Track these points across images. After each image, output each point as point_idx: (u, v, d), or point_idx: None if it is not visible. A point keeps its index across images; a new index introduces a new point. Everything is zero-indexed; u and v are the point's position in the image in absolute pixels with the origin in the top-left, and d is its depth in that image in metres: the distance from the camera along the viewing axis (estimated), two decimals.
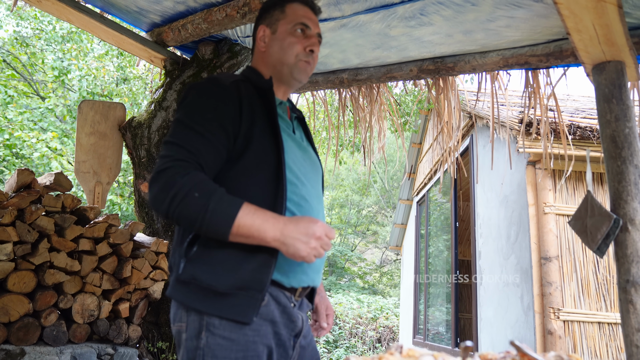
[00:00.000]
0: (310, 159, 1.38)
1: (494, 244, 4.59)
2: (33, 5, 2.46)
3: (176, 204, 1.06)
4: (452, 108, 3.21)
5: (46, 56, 9.57)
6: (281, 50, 1.36)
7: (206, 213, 1.05)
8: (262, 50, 1.40)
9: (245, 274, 1.14)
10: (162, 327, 2.71)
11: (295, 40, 1.36)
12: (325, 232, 1.10)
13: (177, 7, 2.51)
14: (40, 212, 2.22)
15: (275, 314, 1.20)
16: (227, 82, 1.25)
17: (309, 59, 1.37)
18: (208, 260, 1.15)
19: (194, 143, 1.14)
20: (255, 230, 1.07)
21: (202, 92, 1.23)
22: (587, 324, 3.49)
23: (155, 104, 2.83)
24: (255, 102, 1.27)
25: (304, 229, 1.08)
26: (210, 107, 1.20)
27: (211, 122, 1.17)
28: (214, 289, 1.13)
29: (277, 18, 1.39)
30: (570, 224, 2.01)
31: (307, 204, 1.27)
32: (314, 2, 1.44)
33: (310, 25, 1.38)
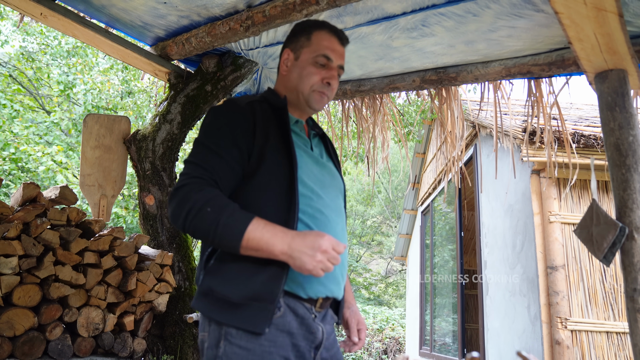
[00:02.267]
0: (330, 174, 1.40)
1: (499, 253, 4.56)
2: (39, 21, 2.49)
3: (191, 219, 1.12)
4: (456, 118, 3.21)
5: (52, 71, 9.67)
6: (299, 78, 1.39)
7: (217, 227, 1.11)
8: (283, 73, 1.45)
9: (256, 285, 1.17)
10: (167, 340, 2.70)
11: (314, 71, 1.38)
12: (333, 245, 1.11)
13: (181, 21, 2.54)
14: (45, 226, 2.22)
15: (293, 325, 1.21)
16: (242, 104, 1.31)
17: (325, 90, 1.39)
18: (223, 272, 1.21)
19: (209, 161, 1.21)
20: (264, 243, 1.10)
21: (219, 113, 1.30)
22: (595, 334, 3.45)
23: (160, 117, 2.85)
24: (269, 120, 1.32)
25: (310, 243, 1.10)
26: (225, 127, 1.26)
27: (226, 141, 1.24)
28: (228, 299, 1.18)
29: (302, 45, 1.42)
30: (576, 233, 2.00)
31: (323, 216, 1.29)
32: (342, 33, 1.45)
33: (333, 57, 1.40)
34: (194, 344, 2.73)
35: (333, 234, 1.30)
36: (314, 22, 1.46)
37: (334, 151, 1.54)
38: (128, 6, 2.40)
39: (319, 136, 1.50)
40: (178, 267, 2.82)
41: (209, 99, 2.89)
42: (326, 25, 1.44)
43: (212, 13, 2.41)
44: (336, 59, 1.41)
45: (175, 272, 2.79)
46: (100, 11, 2.49)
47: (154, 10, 2.42)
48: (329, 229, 1.29)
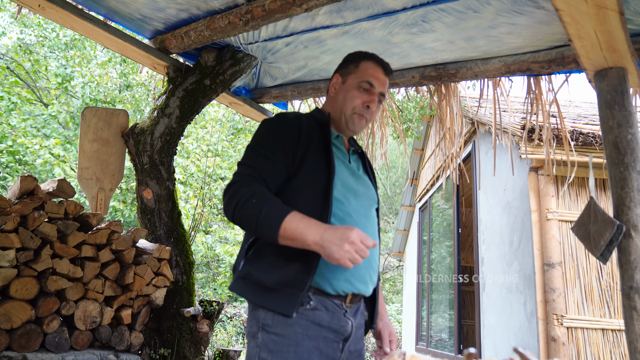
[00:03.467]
0: (364, 185, 1.54)
1: (496, 250, 4.58)
2: (37, 13, 2.48)
3: (239, 209, 1.27)
4: (454, 114, 3.21)
5: (49, 63, 9.62)
6: (343, 100, 1.55)
7: (259, 217, 1.23)
8: (331, 95, 1.61)
9: (289, 272, 1.30)
10: (164, 334, 2.70)
11: (357, 95, 1.53)
12: (361, 238, 1.18)
13: (180, 14, 2.52)
14: (43, 219, 2.22)
15: (324, 317, 1.33)
16: (291, 116, 1.48)
17: (364, 113, 1.54)
18: (260, 260, 1.36)
19: (258, 163, 1.36)
20: (298, 233, 1.20)
21: (271, 124, 1.46)
22: (591, 331, 3.47)
23: (158, 110, 2.85)
24: (314, 131, 1.47)
25: (340, 234, 1.18)
26: (275, 135, 1.42)
27: (275, 146, 1.40)
28: (262, 283, 1.31)
29: (350, 71, 1.57)
30: (573, 230, 2.01)
31: (352, 220, 1.40)
32: (388, 65, 1.59)
33: (376, 84, 1.54)
34: (191, 337, 2.73)
35: None
36: (364, 53, 1.60)
37: (371, 168, 1.68)
38: None
39: (357, 154, 1.64)
40: (176, 261, 2.82)
41: (207, 93, 2.88)
42: (374, 57, 1.59)
43: (211, 6, 2.40)
44: (378, 86, 1.55)
45: (172, 266, 2.79)
46: (99, 3, 2.48)
47: (153, 3, 2.41)
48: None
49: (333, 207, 1.39)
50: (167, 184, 2.83)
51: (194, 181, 8.79)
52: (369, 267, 1.43)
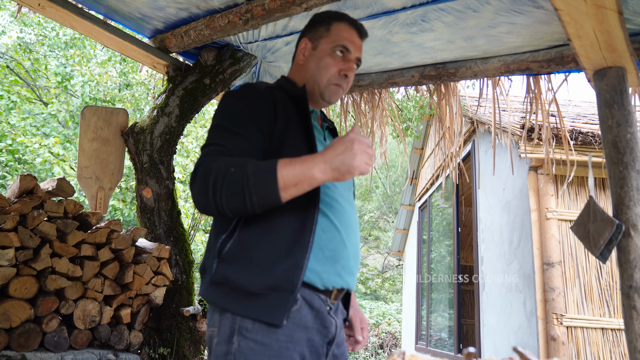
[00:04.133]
0: None
1: (496, 249, 4.58)
2: (37, 12, 2.48)
3: (219, 189, 1.05)
4: (454, 113, 3.21)
5: (49, 62, 9.62)
6: (316, 69, 1.37)
7: (249, 180, 1.03)
8: (300, 62, 1.42)
9: (277, 274, 1.12)
10: (163, 333, 2.70)
11: (332, 62, 1.36)
12: (357, 137, 1.06)
13: (180, 13, 2.52)
14: (42, 218, 2.22)
15: (308, 319, 1.17)
16: (261, 88, 1.28)
17: (341, 83, 1.37)
18: (240, 260, 1.15)
19: (229, 141, 1.15)
20: (300, 173, 1.04)
21: (237, 97, 1.26)
22: (591, 330, 3.47)
23: (158, 109, 2.84)
24: (289, 107, 1.28)
25: (340, 145, 1.05)
26: (245, 109, 1.22)
27: (247, 122, 1.19)
28: (245, 289, 1.12)
29: (321, 35, 1.40)
30: (573, 230, 2.01)
31: (339, 206, 1.27)
32: (361, 26, 1.43)
33: (352, 48, 1.38)
34: (191, 337, 2.73)
35: (348, 224, 1.29)
36: (334, 13, 1.43)
37: None
38: None
39: (329, 129, 1.48)
40: (175, 260, 2.83)
41: (207, 92, 2.88)
42: (346, 18, 1.42)
43: (211, 6, 2.40)
44: (355, 51, 1.38)
45: (172, 265, 2.79)
46: (99, 2, 2.47)
47: (152, 2, 2.41)
48: (345, 217, 1.28)
49: (321, 193, 1.23)
50: (167, 183, 2.83)
51: None
52: (356, 259, 1.30)
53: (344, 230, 1.25)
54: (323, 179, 1.05)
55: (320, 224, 1.21)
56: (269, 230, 1.17)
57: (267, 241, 1.15)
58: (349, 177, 1.05)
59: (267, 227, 1.17)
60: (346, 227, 1.27)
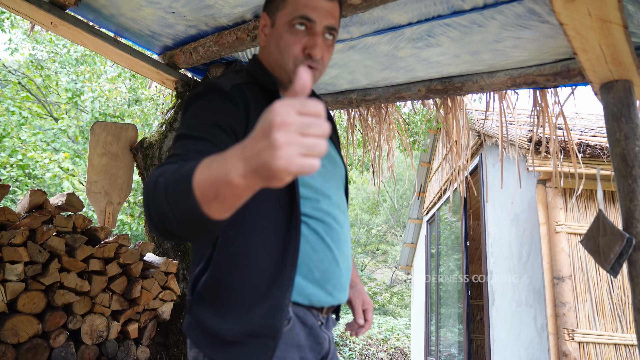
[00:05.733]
0: (330, 162, 1.20)
1: (505, 263, 4.54)
2: (49, 30, 2.53)
3: (151, 204, 0.79)
4: (461, 127, 3.21)
5: (60, 78, 9.77)
6: (277, 51, 1.10)
7: (167, 190, 0.75)
8: (262, 44, 1.16)
9: (254, 319, 0.99)
10: (170, 349, 2.70)
11: (292, 40, 1.07)
12: (296, 109, 0.58)
13: (189, 30, 2.56)
14: (51, 233, 2.24)
15: (301, 337, 1.08)
16: (226, 87, 1.04)
17: (312, 64, 1.08)
18: (214, 302, 1.02)
19: (187, 147, 0.93)
20: (215, 180, 0.67)
21: (201, 102, 1.03)
22: (603, 346, 3.41)
23: (167, 124, 2.87)
24: (262, 106, 1.05)
25: (259, 132, 0.61)
26: (208, 112, 1.00)
27: (212, 126, 0.97)
28: (220, 336, 1.00)
29: (277, 7, 1.11)
30: (582, 243, 1.99)
31: (331, 218, 1.13)
32: None
33: (315, 17, 1.05)
34: None
35: (341, 238, 1.16)
36: None
37: (334, 128, 1.29)
38: (137, 16, 2.43)
39: None
40: (183, 275, 2.83)
41: None
42: None
43: (219, 23, 2.43)
44: (320, 19, 1.06)
45: (180, 280, 2.79)
46: (110, 20, 2.52)
47: (162, 19, 2.45)
48: (337, 232, 1.15)
49: (307, 208, 1.07)
50: None
51: None
52: (348, 272, 1.16)
53: (336, 247, 1.14)
54: (247, 186, 0.65)
55: (311, 242, 1.09)
56: (244, 263, 1.02)
57: (243, 279, 1.00)
58: (277, 184, 0.62)
59: (243, 258, 1.02)
60: (338, 242, 1.14)
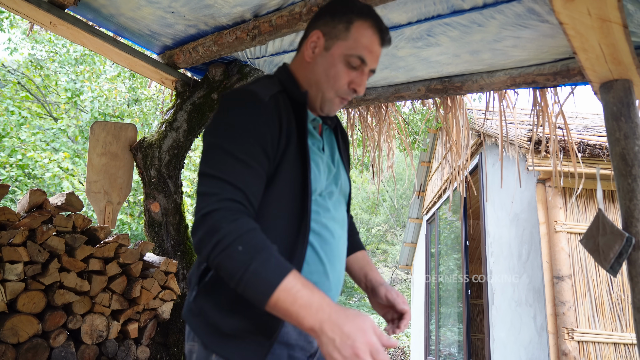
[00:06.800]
0: (338, 179, 1.25)
1: (505, 262, 4.54)
2: (49, 30, 2.52)
3: (217, 253, 0.93)
4: (461, 127, 3.21)
5: (59, 78, 9.77)
6: (325, 76, 1.18)
7: (245, 273, 0.90)
8: (307, 59, 1.21)
9: (254, 317, 1.04)
10: (170, 348, 2.70)
11: (343, 73, 1.17)
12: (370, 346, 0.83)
13: (188, 30, 2.56)
14: (51, 232, 2.24)
15: (292, 335, 1.11)
16: (266, 97, 1.09)
17: (348, 97, 1.20)
18: (218, 296, 1.06)
19: (238, 175, 0.99)
20: (293, 312, 0.88)
21: (239, 111, 1.07)
22: (603, 345, 3.42)
23: (166, 124, 2.87)
24: (290, 119, 1.12)
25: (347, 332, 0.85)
26: (249, 128, 1.04)
27: (254, 146, 1.03)
28: (216, 326, 1.05)
29: (338, 35, 1.17)
30: (582, 243, 1.99)
31: (327, 232, 1.17)
32: (386, 32, 1.21)
33: (369, 60, 1.17)
34: None
35: (335, 253, 1.19)
36: (359, 7, 1.18)
37: (345, 143, 1.35)
38: (136, 15, 2.43)
39: (330, 128, 1.30)
40: (183, 274, 2.83)
41: (215, 107, 2.91)
42: (371, 16, 1.18)
43: (219, 22, 2.43)
44: (371, 62, 1.18)
45: (179, 280, 2.80)
46: (109, 20, 2.52)
47: (161, 19, 2.45)
48: (332, 246, 1.19)
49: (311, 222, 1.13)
50: (175, 197, 2.85)
51: None
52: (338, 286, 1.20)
53: (328, 261, 1.15)
54: (307, 329, 0.88)
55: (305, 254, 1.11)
56: None
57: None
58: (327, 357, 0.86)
59: None
60: (331, 256, 1.17)
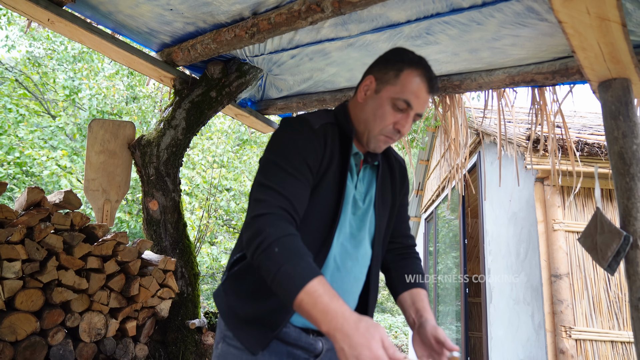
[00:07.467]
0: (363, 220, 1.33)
1: (503, 261, 4.55)
2: (46, 27, 2.52)
3: (259, 253, 1.05)
4: (459, 125, 3.21)
5: (57, 76, 9.74)
6: (372, 115, 1.29)
7: (278, 273, 1.01)
8: (359, 100, 1.34)
9: (265, 310, 1.19)
10: (169, 346, 2.70)
11: (390, 114, 1.27)
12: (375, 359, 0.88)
13: (186, 27, 2.55)
14: (49, 230, 2.23)
15: (291, 335, 1.22)
16: (316, 125, 1.25)
17: (393, 136, 1.30)
18: (240, 284, 1.24)
19: (287, 186, 1.14)
20: (314, 314, 0.96)
21: (292, 134, 1.23)
22: (600, 343, 3.43)
23: (165, 122, 2.87)
24: (336, 147, 1.27)
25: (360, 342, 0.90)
26: (299, 147, 1.20)
27: (299, 162, 1.18)
28: (233, 310, 1.23)
29: (388, 80, 1.28)
30: (580, 241, 2.00)
31: (335, 264, 1.25)
32: (435, 81, 1.30)
33: (415, 104, 1.27)
34: (196, 350, 2.72)
35: (346, 285, 1.27)
36: (410, 58, 1.29)
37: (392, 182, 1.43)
38: (134, 13, 2.42)
39: (370, 166, 1.39)
40: (181, 272, 2.83)
41: (213, 105, 2.90)
42: (421, 66, 1.28)
43: (217, 20, 2.43)
44: (417, 107, 1.28)
45: (178, 278, 2.79)
46: (107, 17, 2.51)
47: (160, 17, 2.44)
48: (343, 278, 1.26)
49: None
50: (173, 195, 2.85)
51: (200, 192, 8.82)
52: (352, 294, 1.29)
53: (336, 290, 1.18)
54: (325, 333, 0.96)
55: None
56: None
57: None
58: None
59: None
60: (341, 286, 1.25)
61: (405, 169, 1.49)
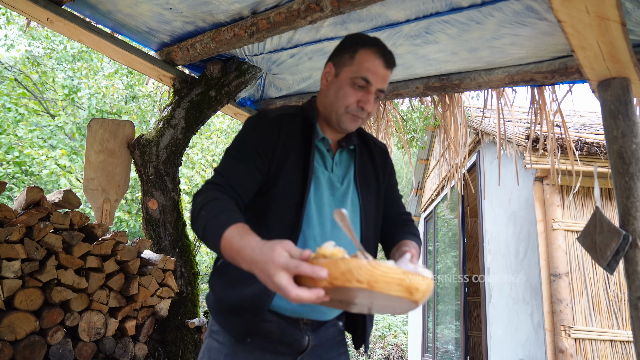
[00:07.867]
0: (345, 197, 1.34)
1: (502, 260, 4.55)
2: (45, 26, 2.51)
3: (192, 222, 1.13)
4: (459, 124, 3.21)
5: (57, 75, 9.73)
6: (335, 97, 1.34)
7: (204, 231, 1.06)
8: (322, 87, 1.40)
9: (246, 294, 1.21)
10: (168, 346, 2.70)
11: (350, 93, 1.31)
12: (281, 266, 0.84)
13: (186, 27, 2.55)
14: (48, 230, 2.23)
15: (273, 330, 1.24)
16: (272, 116, 1.33)
17: (358, 114, 1.33)
18: (224, 275, 1.29)
19: (229, 168, 1.23)
20: (233, 256, 0.96)
21: (249, 123, 1.33)
22: (599, 342, 3.43)
23: (164, 121, 2.87)
24: (295, 136, 1.32)
25: (263, 262, 0.87)
26: (249, 136, 1.29)
27: (248, 150, 1.26)
28: (219, 302, 1.27)
29: (345, 63, 1.34)
30: (579, 240, 2.00)
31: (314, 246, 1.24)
32: (389, 56, 1.34)
33: (373, 80, 1.30)
34: (196, 349, 2.72)
35: None
36: (363, 38, 1.35)
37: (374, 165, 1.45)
38: (134, 12, 2.42)
39: (347, 150, 1.41)
40: (180, 272, 2.83)
41: (212, 104, 2.90)
42: (374, 44, 1.33)
43: (217, 19, 2.43)
44: (376, 82, 1.31)
45: (177, 277, 2.79)
46: (106, 17, 2.51)
47: (159, 16, 2.44)
48: None
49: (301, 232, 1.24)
50: (172, 194, 2.85)
51: None
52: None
53: None
54: (247, 271, 0.93)
55: None
56: None
57: None
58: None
59: None
60: None
61: (386, 152, 1.53)
